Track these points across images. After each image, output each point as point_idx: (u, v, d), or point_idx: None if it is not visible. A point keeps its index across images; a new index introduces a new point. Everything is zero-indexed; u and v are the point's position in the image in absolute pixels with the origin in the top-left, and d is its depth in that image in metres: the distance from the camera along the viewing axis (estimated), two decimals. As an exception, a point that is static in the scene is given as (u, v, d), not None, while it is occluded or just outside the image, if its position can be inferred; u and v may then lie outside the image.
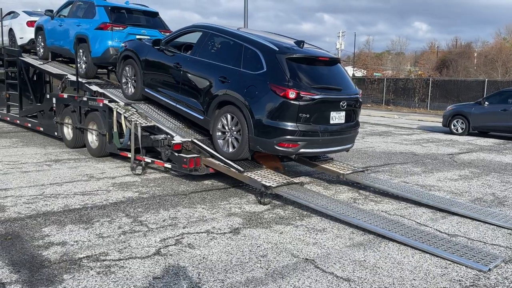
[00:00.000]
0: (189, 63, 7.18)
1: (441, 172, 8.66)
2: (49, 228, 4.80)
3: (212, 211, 5.60)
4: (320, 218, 5.46)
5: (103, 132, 8.56)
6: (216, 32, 7.04)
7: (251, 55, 6.37)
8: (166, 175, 7.55)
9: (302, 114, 5.92)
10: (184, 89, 7.25)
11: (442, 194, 6.79)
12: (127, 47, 8.62)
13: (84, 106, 9.16)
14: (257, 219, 5.36)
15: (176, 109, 7.52)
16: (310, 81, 6.09)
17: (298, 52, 6.23)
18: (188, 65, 7.18)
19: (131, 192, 6.40)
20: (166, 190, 6.55)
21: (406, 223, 5.29)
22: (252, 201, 6.15)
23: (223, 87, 6.50)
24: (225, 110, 6.51)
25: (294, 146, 6.04)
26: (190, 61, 7.19)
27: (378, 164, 9.19)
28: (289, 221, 5.33)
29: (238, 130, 6.35)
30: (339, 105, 6.25)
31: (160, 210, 5.57)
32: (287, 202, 6.08)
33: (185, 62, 7.26)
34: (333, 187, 7.13)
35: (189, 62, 7.19)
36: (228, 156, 6.53)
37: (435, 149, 11.67)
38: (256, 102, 6.06)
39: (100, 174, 7.50)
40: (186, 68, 7.19)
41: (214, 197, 6.29)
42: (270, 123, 5.96)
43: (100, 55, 9.55)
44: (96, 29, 9.54)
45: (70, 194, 6.20)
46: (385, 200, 6.44)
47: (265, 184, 5.88)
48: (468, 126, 14.84)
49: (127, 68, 8.55)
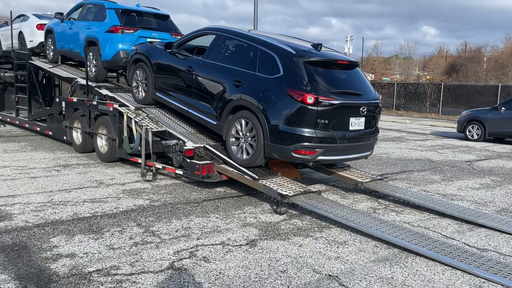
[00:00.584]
0: (201, 67, 6.97)
1: (461, 180, 8.35)
2: (58, 238, 4.58)
3: (226, 221, 5.36)
4: (340, 230, 5.20)
5: (113, 137, 8.37)
6: (230, 35, 6.83)
7: (267, 58, 6.14)
8: (177, 182, 7.33)
9: (320, 120, 5.67)
10: (197, 94, 7.03)
11: (466, 204, 6.49)
12: (138, 51, 8.44)
13: (93, 110, 8.98)
14: (273, 230, 5.11)
15: (188, 114, 7.30)
16: (329, 86, 5.84)
17: (316, 55, 5.99)
18: (201, 68, 6.97)
19: (141, 199, 6.18)
20: (177, 198, 6.32)
21: (431, 235, 5.01)
22: (268, 210, 5.90)
23: (238, 92, 6.28)
24: (239, 115, 6.29)
25: (311, 153, 5.79)
26: (203, 64, 6.97)
27: (394, 171, 8.91)
28: (308, 232, 5.08)
29: (253, 136, 6.11)
30: (359, 110, 5.99)
31: (173, 220, 5.34)
32: (304, 212, 5.83)
33: (197, 65, 7.04)
34: (351, 195, 6.86)
35: (201, 66, 6.98)
36: (242, 163, 6.29)
37: (452, 156, 11.35)
38: (272, 107, 5.82)
39: (109, 180, 7.30)
40: (199, 72, 6.97)
41: (228, 205, 6.05)
42: (287, 129, 5.72)
43: (110, 59, 9.38)
44: (107, 32, 9.38)
45: (79, 201, 5.99)
46: (406, 210, 6.16)
47: (282, 192, 5.63)
48: (484, 132, 14.49)
49: (137, 71, 8.36)
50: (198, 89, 6.99)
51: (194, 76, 7.04)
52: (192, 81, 7.10)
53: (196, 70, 7.00)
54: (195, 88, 7.05)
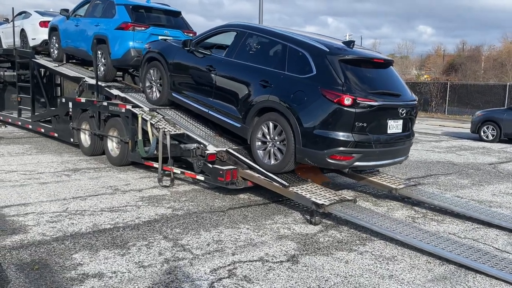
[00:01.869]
0: (223, 66, 6.55)
1: (491, 184, 7.97)
2: (81, 254, 4.15)
3: (259, 233, 4.95)
4: (384, 242, 4.80)
5: (125, 139, 7.93)
6: (254, 32, 6.41)
7: (297, 56, 5.73)
8: (196, 187, 6.90)
9: (358, 123, 5.26)
10: (218, 94, 6.61)
11: (506, 212, 6.11)
12: (150, 49, 8.01)
13: (104, 111, 8.54)
14: (312, 243, 4.70)
15: (208, 116, 6.88)
16: (366, 86, 5.44)
17: (351, 53, 5.58)
18: (223, 67, 6.54)
19: (163, 208, 5.76)
20: (201, 206, 5.90)
21: (484, 248, 4.62)
22: (300, 220, 5.49)
23: (265, 92, 5.86)
24: (266, 117, 5.87)
25: (348, 158, 5.39)
26: (225, 63, 6.55)
27: (420, 175, 8.52)
28: (350, 246, 4.67)
29: (282, 140, 5.70)
30: (398, 112, 5.59)
31: (201, 231, 4.92)
32: (340, 222, 5.43)
33: (219, 64, 6.62)
34: (383, 202, 6.46)
35: (223, 65, 6.56)
36: (270, 168, 5.89)
37: (472, 158, 10.98)
38: (305, 109, 5.41)
39: (125, 186, 6.86)
40: (221, 71, 6.55)
41: (256, 214, 5.64)
42: (321, 133, 5.31)
43: (121, 57, 8.94)
44: (117, 29, 8.94)
45: (97, 210, 5.56)
46: (447, 219, 5.77)
47: (317, 201, 5.23)
48: (499, 133, 14.14)
49: (151, 71, 7.93)
50: (220, 89, 6.56)
51: (215, 75, 6.62)
52: (213, 81, 6.67)
53: (218, 70, 6.58)
54: (217, 89, 6.62)
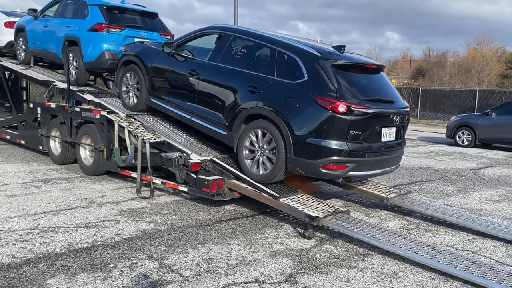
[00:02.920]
0: (207, 70, 6.21)
1: (476, 191, 7.91)
2: (56, 279, 3.72)
3: (251, 249, 4.62)
4: (382, 257, 4.56)
5: (100, 147, 7.45)
6: (240, 35, 6.09)
7: (287, 61, 5.46)
8: (178, 198, 6.51)
9: (352, 131, 5.03)
10: (202, 100, 6.26)
11: (497, 220, 6.01)
12: (127, 52, 7.58)
13: (76, 118, 8.03)
14: (309, 260, 4.41)
15: (190, 123, 6.51)
16: (360, 92, 5.22)
17: (343, 58, 5.36)
18: (207, 72, 6.20)
19: (144, 222, 5.35)
20: (185, 219, 5.52)
21: (488, 263, 4.44)
22: (292, 233, 5.20)
23: (253, 98, 5.56)
24: (255, 125, 5.57)
25: (342, 168, 5.14)
26: (208, 67, 6.21)
27: (404, 182, 8.40)
28: (349, 262, 4.41)
29: (272, 149, 5.40)
30: (392, 120, 5.40)
31: (188, 249, 4.56)
32: (334, 235, 5.16)
33: (202, 68, 6.28)
34: (374, 212, 6.25)
35: (207, 69, 6.21)
36: (258, 178, 5.57)
37: (452, 164, 10.99)
38: (297, 117, 5.13)
39: (100, 198, 6.40)
40: (204, 76, 6.21)
41: (245, 228, 5.31)
42: (314, 141, 5.05)
43: (94, 60, 8.45)
44: (90, 31, 8.45)
45: (72, 226, 5.10)
46: (441, 229, 5.60)
47: (311, 214, 4.95)
48: (474, 138, 14.31)
49: (128, 75, 7.49)
50: (204, 95, 6.21)
51: (198, 80, 6.27)
52: (196, 86, 6.32)
53: (201, 74, 6.23)
54: (200, 94, 6.27)
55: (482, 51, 57.61)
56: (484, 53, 56.20)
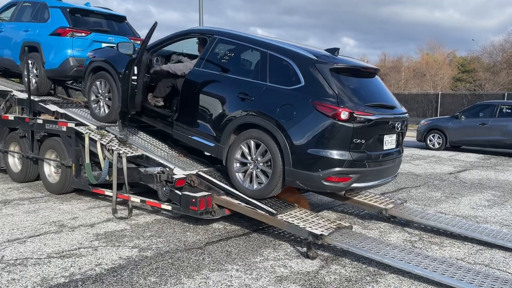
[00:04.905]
0: (190, 77, 5.69)
1: (464, 196, 7.77)
2: (31, 329, 3.09)
3: (253, 275, 4.13)
4: (396, 277, 4.19)
5: (67, 163, 6.75)
6: (226, 38, 5.62)
7: (280, 66, 5.04)
8: (159, 217, 5.93)
9: (356, 140, 4.66)
10: (185, 109, 5.72)
11: (496, 227, 5.81)
12: (96, 58, 6.93)
13: (38, 131, 7.27)
14: (319, 285, 3.97)
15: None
16: (360, 98, 4.86)
17: (340, 61, 4.99)
18: (190, 78, 5.68)
19: (126, 248, 4.75)
20: (172, 242, 4.96)
21: (502, 276, 4.16)
22: (292, 253, 4.75)
23: (245, 106, 5.09)
24: (247, 135, 5.10)
25: (345, 180, 4.76)
26: (192, 73, 5.69)
27: (391, 190, 8.15)
28: (362, 285, 4.01)
29: (267, 161, 4.95)
30: (394, 126, 5.08)
31: (182, 278, 4.01)
32: (337, 253, 4.76)
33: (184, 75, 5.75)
34: (372, 224, 5.91)
35: (190, 75, 5.69)
36: (252, 193, 5.10)
37: (430, 168, 10.92)
38: (295, 125, 4.71)
39: (71, 220, 5.72)
40: (187, 83, 5.68)
41: (240, 249, 4.81)
42: (315, 152, 4.64)
43: (57, 67, 7.74)
44: (52, 35, 7.75)
45: (43, 257, 4.43)
46: (445, 241, 5.32)
47: (315, 232, 4.52)
48: (445, 141, 14.42)
49: (97, 82, 6.84)
50: (187, 103, 5.69)
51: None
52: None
53: (183, 81, 5.70)
54: (183, 103, 5.74)
55: (434, 56, 59.83)
56: (436, 58, 58.35)
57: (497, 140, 13.32)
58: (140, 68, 5.74)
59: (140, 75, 5.76)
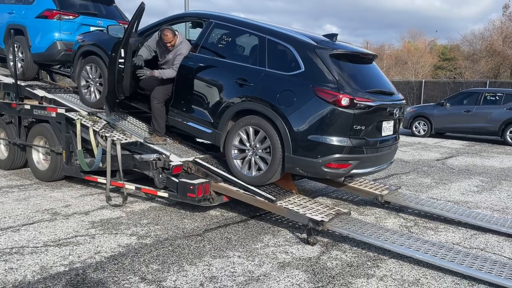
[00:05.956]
0: (186, 61, 5.58)
1: (453, 182, 7.90)
2: (37, 319, 3.03)
3: (255, 261, 4.13)
4: (396, 261, 4.24)
5: (57, 150, 6.60)
6: (222, 22, 5.53)
7: (279, 51, 4.99)
8: (155, 205, 5.87)
9: (356, 126, 4.66)
10: (181, 95, 5.63)
11: (487, 212, 5.92)
12: (85, 41, 6.75)
13: (26, 116, 7.08)
14: (322, 271, 3.99)
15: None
16: (360, 84, 4.85)
17: (340, 47, 4.97)
18: (185, 64, 5.58)
19: (125, 236, 4.68)
20: (170, 230, 4.91)
21: (500, 260, 4.26)
22: (292, 239, 4.76)
23: (243, 92, 5.04)
24: (245, 121, 5.05)
25: (345, 166, 4.77)
26: (187, 58, 5.59)
27: (382, 176, 8.23)
28: (364, 269, 4.04)
29: (266, 148, 4.92)
30: (393, 113, 5.10)
31: (184, 265, 3.98)
32: (336, 238, 4.79)
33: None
34: (367, 210, 5.97)
35: (186, 60, 5.59)
36: (251, 180, 5.08)
37: (418, 155, 11.06)
38: (295, 112, 4.68)
39: (65, 208, 5.61)
40: (183, 68, 5.58)
41: (240, 236, 4.80)
42: (316, 138, 4.63)
43: (44, 51, 7.52)
44: (38, 18, 7.51)
45: (39, 245, 4.34)
46: (440, 226, 5.40)
47: (315, 218, 4.53)
48: (430, 128, 14.62)
49: (88, 67, 6.67)
50: (183, 89, 5.59)
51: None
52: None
53: (179, 67, 5.60)
54: (178, 89, 5.64)
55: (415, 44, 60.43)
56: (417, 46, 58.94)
57: (481, 127, 13.57)
58: (127, 51, 5.60)
59: (127, 58, 5.61)
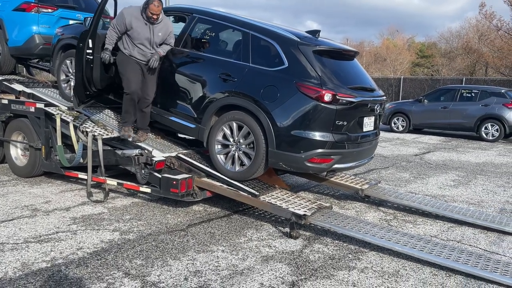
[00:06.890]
0: (169, 56, 5.56)
1: (430, 177, 8.09)
2: (20, 315, 3.01)
3: (239, 255, 4.17)
4: (376, 254, 4.34)
5: (36, 145, 6.49)
6: (206, 17, 5.52)
7: (263, 47, 5.02)
8: (137, 200, 5.84)
9: (338, 121, 4.74)
10: (164, 90, 5.61)
11: (463, 206, 6.10)
12: (64, 35, 6.66)
13: (4, 111, 6.94)
14: (305, 263, 4.06)
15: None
16: (342, 80, 4.93)
17: (323, 44, 5.03)
18: (169, 58, 5.56)
19: (107, 232, 4.66)
20: (153, 225, 4.91)
21: (474, 251, 4.40)
22: (275, 233, 4.81)
23: (227, 87, 5.05)
24: (229, 117, 5.07)
25: (327, 161, 4.85)
26: (170, 53, 5.57)
27: (362, 171, 8.37)
28: (346, 262, 4.13)
29: (250, 143, 4.96)
30: (374, 109, 5.19)
31: (168, 260, 3.99)
32: (318, 232, 4.86)
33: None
34: (348, 204, 6.07)
35: (169, 55, 5.57)
36: (234, 175, 5.11)
37: (397, 150, 11.27)
38: (279, 107, 4.73)
39: (45, 204, 5.54)
40: (166, 63, 5.56)
41: (224, 231, 4.83)
42: (299, 133, 4.69)
43: (22, 45, 7.41)
44: (15, 11, 7.38)
45: (20, 242, 4.29)
46: (418, 219, 5.54)
47: (298, 212, 4.60)
48: (409, 124, 14.90)
49: (68, 61, 6.58)
50: (166, 84, 5.57)
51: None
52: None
53: (164, 61, 5.57)
54: (162, 83, 5.61)
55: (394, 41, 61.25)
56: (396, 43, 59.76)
57: (457, 123, 13.89)
58: (95, 41, 5.54)
59: (96, 49, 5.56)
